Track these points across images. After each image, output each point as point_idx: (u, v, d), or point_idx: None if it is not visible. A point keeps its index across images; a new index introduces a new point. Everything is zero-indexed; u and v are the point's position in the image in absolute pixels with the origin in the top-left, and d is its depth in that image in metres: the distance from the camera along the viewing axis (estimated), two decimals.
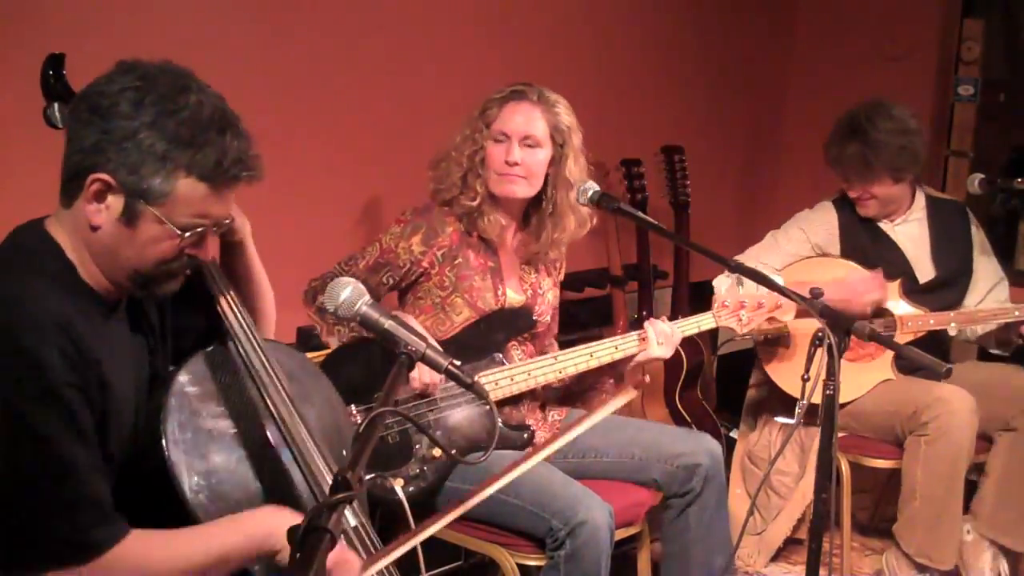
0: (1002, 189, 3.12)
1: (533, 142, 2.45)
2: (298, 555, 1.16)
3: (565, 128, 2.48)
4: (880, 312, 3.13)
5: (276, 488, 1.69)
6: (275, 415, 1.71)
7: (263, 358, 1.74)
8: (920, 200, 3.27)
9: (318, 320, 2.49)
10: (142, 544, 1.51)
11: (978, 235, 3.31)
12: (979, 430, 3.03)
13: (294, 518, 1.58)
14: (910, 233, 3.24)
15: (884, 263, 3.15)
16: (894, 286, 3.13)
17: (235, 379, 1.73)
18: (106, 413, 1.53)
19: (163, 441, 1.57)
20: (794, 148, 4.84)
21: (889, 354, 3.09)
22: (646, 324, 2.56)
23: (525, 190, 2.48)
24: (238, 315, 1.77)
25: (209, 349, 1.74)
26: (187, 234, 1.54)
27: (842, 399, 2.98)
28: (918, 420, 2.96)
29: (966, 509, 3.09)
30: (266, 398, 1.72)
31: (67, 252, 1.56)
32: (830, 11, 4.70)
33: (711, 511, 2.55)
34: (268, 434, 1.72)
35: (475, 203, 2.46)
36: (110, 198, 1.51)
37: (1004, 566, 3.11)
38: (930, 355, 2.13)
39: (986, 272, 3.28)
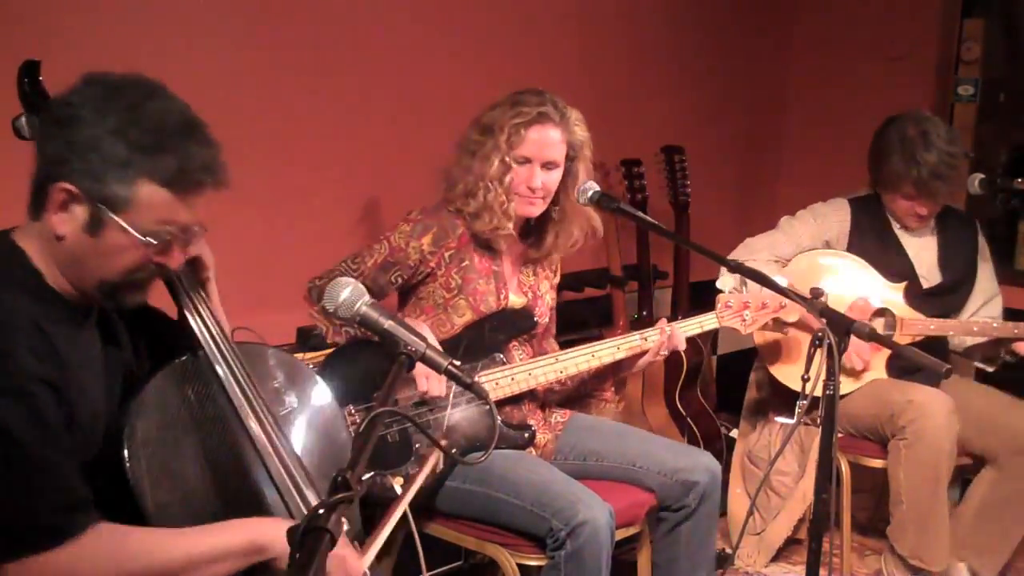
0: (1002, 189, 3.13)
1: (553, 165, 2.45)
2: (297, 555, 1.16)
3: (579, 143, 2.49)
4: (881, 311, 3.14)
5: (246, 505, 1.64)
6: (247, 428, 1.66)
7: (236, 368, 1.68)
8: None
9: (322, 320, 2.46)
10: (116, 536, 1.49)
11: (982, 247, 3.35)
12: (975, 449, 3.06)
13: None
14: (921, 240, 3.27)
15: (889, 268, 3.17)
16: (899, 288, 3.14)
17: (206, 391, 1.68)
18: (72, 415, 1.52)
19: (125, 455, 1.54)
20: (794, 148, 4.84)
21: (884, 353, 3.10)
22: (666, 326, 2.56)
23: (541, 209, 2.49)
24: (209, 324, 1.71)
25: (181, 360, 1.69)
26: (152, 241, 1.53)
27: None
28: (896, 424, 2.98)
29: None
30: (238, 411, 1.66)
31: (33, 260, 1.55)
32: (830, 11, 4.70)
33: (702, 529, 2.56)
34: (238, 450, 1.66)
35: (511, 227, 2.46)
36: (75, 208, 1.51)
37: None
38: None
39: (983, 285, 3.32)
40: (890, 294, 3.13)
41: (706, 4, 4.38)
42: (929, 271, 3.24)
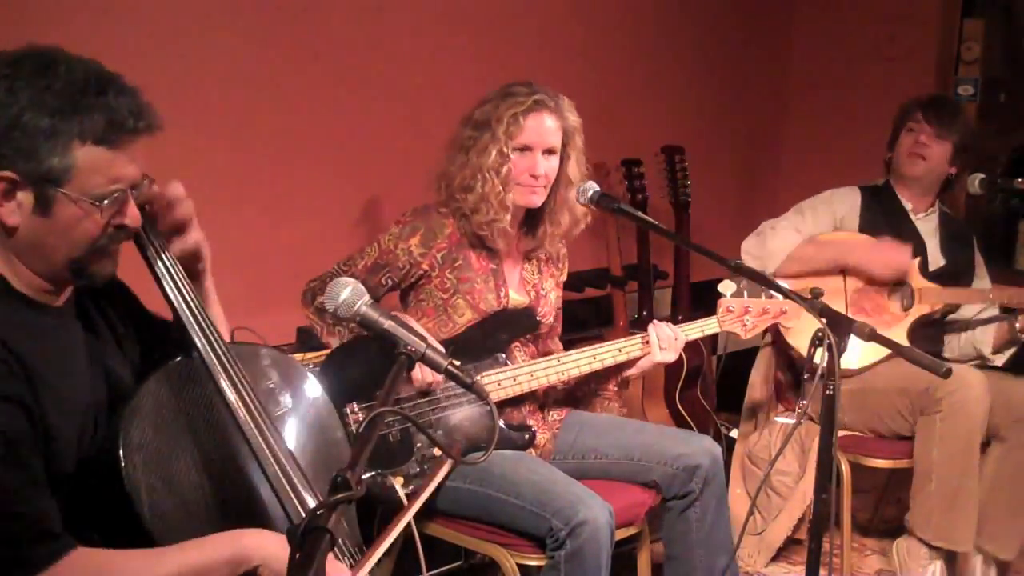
0: (1002, 189, 3.15)
1: (552, 152, 2.45)
2: (297, 555, 1.16)
3: (572, 129, 2.48)
4: (899, 284, 3.18)
5: (243, 508, 1.62)
6: (243, 430, 1.63)
7: (230, 368, 1.65)
8: (937, 207, 3.36)
9: (316, 321, 2.48)
10: (91, 562, 1.46)
11: (979, 261, 3.39)
12: None
13: (268, 536, 1.55)
14: (928, 228, 3.32)
15: (902, 243, 3.20)
16: (914, 263, 3.19)
17: (201, 393, 1.64)
18: (49, 425, 1.48)
19: (120, 459, 1.52)
20: (794, 148, 4.85)
21: (906, 323, 3.15)
22: (649, 327, 2.56)
23: (543, 198, 2.49)
24: (201, 322, 1.66)
25: (175, 361, 1.65)
26: (106, 203, 1.49)
27: (855, 364, 3.06)
28: (931, 396, 2.96)
29: None
30: (233, 412, 1.63)
31: None
32: (830, 11, 4.71)
33: (712, 512, 2.54)
34: (235, 451, 1.63)
35: (508, 221, 2.45)
36: (19, 194, 1.46)
37: (993, 573, 3.11)
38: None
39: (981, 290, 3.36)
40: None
41: (706, 4, 4.39)
42: (933, 258, 3.29)
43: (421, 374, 2.28)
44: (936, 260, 3.29)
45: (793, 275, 3.11)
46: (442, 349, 1.71)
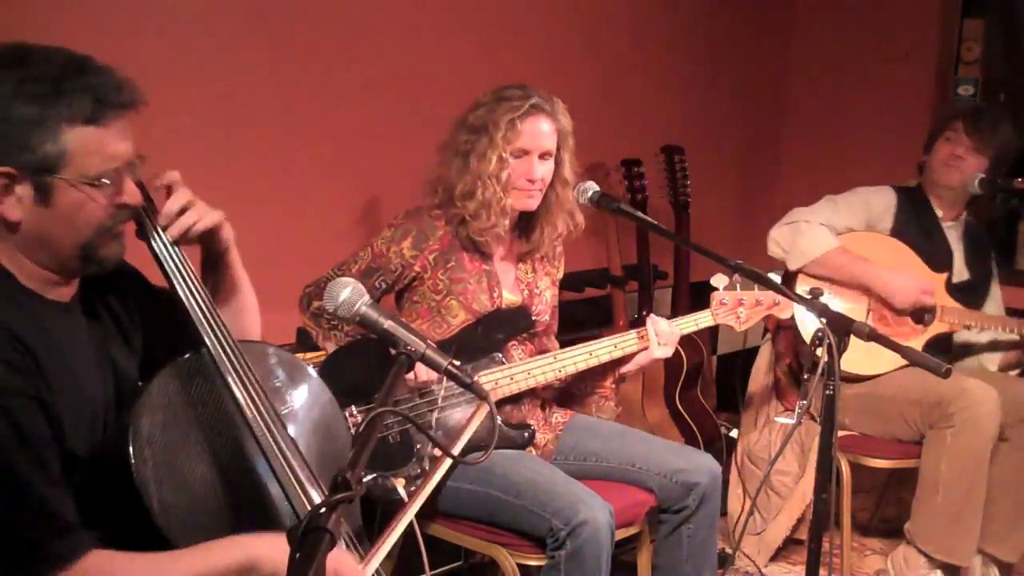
0: (1002, 189, 3.15)
1: (548, 156, 2.45)
2: (297, 555, 1.16)
3: (565, 131, 2.48)
4: None
5: (251, 504, 1.62)
6: (251, 427, 1.63)
7: (238, 365, 1.65)
8: (964, 215, 3.35)
9: (312, 326, 2.50)
10: (106, 563, 1.46)
11: (994, 266, 3.41)
12: None
13: (280, 542, 1.56)
14: (955, 236, 3.32)
15: (932, 256, 3.20)
16: (941, 278, 3.19)
17: (210, 389, 1.64)
18: (61, 423, 1.49)
19: (130, 456, 1.52)
20: (794, 148, 4.85)
21: (925, 336, 3.15)
22: (648, 322, 2.56)
23: (538, 201, 2.49)
24: (210, 318, 1.67)
25: (184, 357, 1.65)
26: (106, 182, 1.49)
27: (868, 371, 3.07)
28: (944, 411, 2.96)
29: None
30: (242, 408, 1.63)
31: (1, 262, 1.51)
32: (830, 11, 4.71)
33: (704, 530, 2.55)
34: (243, 447, 1.64)
35: (506, 224, 2.45)
36: (17, 188, 1.46)
37: (995, 574, 3.11)
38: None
39: (994, 298, 3.37)
40: (932, 282, 3.17)
41: (707, 4, 4.39)
42: (958, 268, 3.29)
43: (415, 374, 2.28)
44: (960, 271, 3.28)
45: (817, 278, 3.11)
46: (440, 350, 1.71)
